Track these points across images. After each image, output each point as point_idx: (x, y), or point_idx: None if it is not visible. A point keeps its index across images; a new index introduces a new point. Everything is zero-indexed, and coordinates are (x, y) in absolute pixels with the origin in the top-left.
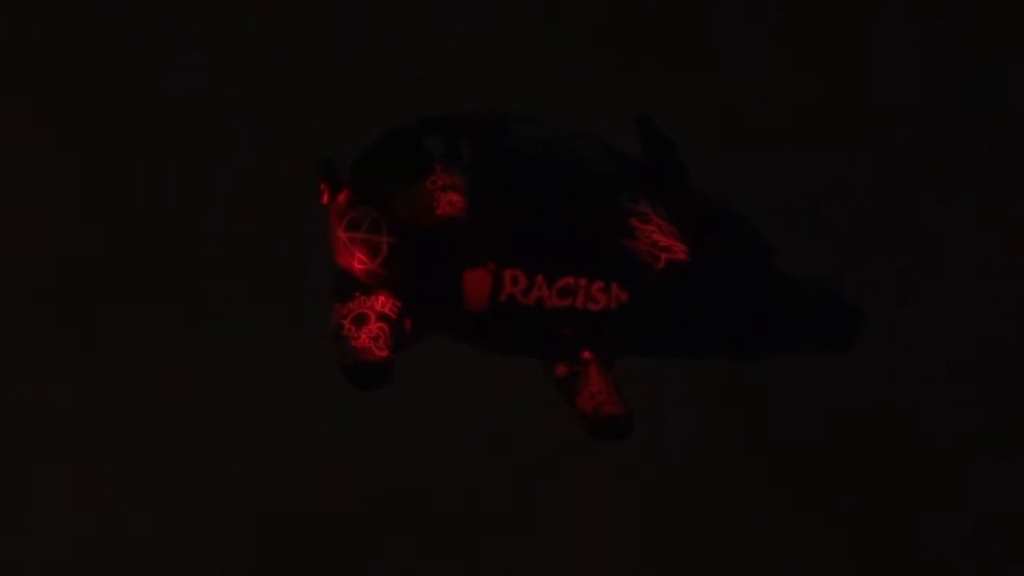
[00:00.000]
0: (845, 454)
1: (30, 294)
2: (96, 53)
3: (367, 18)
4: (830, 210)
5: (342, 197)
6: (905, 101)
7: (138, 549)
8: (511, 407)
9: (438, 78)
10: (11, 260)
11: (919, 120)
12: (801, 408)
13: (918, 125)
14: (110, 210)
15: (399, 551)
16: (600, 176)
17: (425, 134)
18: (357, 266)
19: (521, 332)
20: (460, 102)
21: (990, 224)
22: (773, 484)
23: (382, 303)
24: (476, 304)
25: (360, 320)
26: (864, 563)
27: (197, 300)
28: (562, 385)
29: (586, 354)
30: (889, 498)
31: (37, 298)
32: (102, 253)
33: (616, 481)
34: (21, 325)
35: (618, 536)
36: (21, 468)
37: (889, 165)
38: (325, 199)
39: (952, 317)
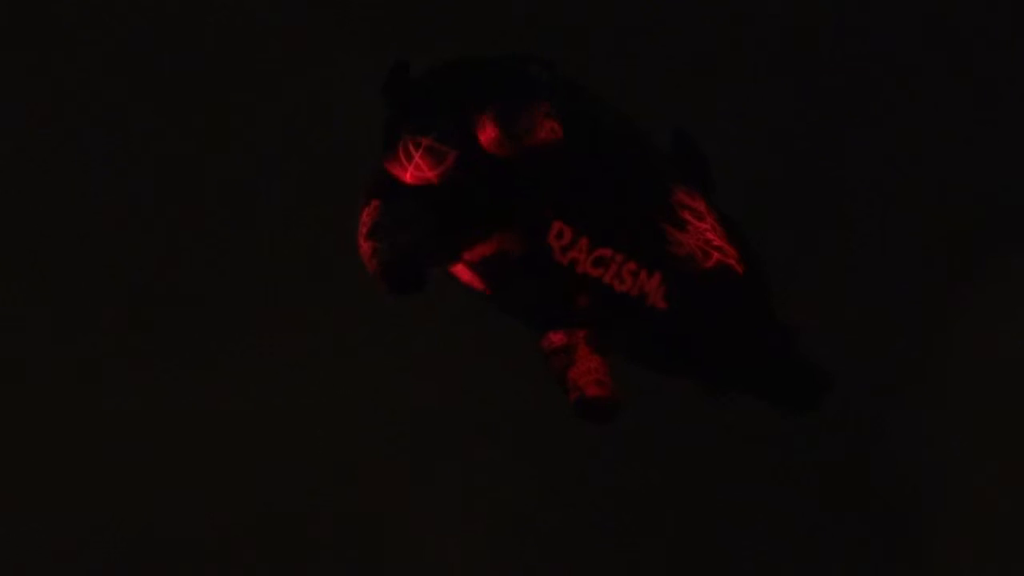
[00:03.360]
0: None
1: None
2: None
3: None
4: None
5: (412, 103)
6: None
7: None
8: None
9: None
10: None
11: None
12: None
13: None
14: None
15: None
16: (665, 164)
17: (529, 64)
18: (412, 171)
19: (542, 287)
20: None
21: None
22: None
23: (426, 213)
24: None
25: (401, 222)
26: None
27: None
28: (554, 353)
29: (584, 331)
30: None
31: None
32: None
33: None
34: None
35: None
36: None
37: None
38: (391, 106)
39: None
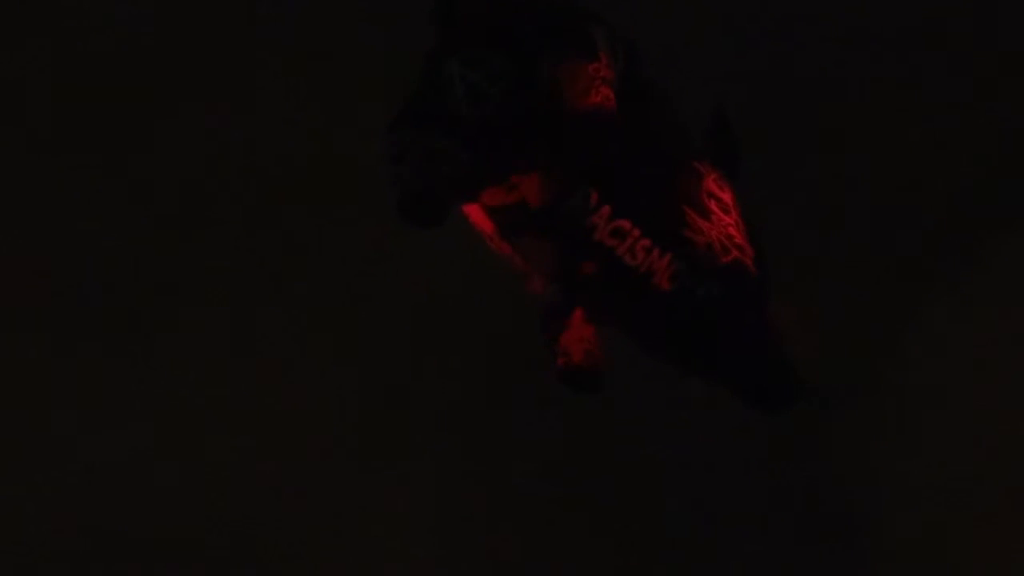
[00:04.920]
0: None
1: None
2: None
3: None
4: None
5: (460, 32)
6: None
7: None
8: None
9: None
10: None
11: None
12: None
13: None
14: None
15: None
16: (701, 149)
17: (591, 22)
18: (450, 102)
19: (553, 246)
20: None
21: None
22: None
23: (454, 148)
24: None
25: (431, 156)
26: None
27: None
28: (549, 314)
29: (584, 298)
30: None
31: None
32: None
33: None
34: None
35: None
36: None
37: None
38: (437, 27)
39: None
